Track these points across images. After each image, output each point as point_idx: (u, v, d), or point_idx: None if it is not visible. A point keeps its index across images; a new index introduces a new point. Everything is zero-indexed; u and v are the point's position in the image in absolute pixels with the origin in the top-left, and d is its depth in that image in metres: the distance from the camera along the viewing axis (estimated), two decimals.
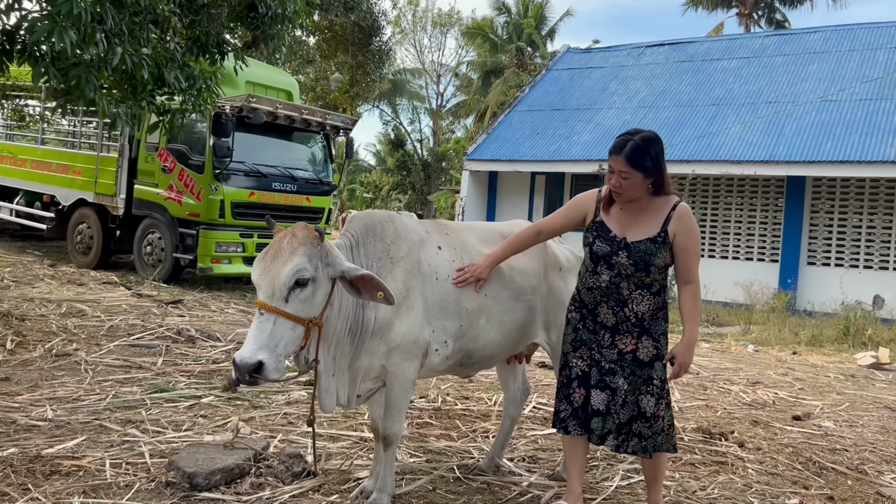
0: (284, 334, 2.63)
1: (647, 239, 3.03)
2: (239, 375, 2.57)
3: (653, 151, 2.97)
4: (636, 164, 2.96)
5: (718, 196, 15.59)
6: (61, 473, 3.41)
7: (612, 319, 3.10)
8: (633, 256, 3.02)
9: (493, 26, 34.90)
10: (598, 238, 3.11)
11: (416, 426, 4.67)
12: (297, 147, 11.63)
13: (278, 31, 7.06)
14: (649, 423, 3.05)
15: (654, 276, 3.07)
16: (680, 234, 3.03)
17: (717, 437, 4.99)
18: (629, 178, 2.98)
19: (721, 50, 18.66)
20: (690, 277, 3.09)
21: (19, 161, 12.35)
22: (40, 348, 5.90)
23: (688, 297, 3.10)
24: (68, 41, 4.39)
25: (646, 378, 3.07)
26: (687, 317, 3.10)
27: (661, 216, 3.05)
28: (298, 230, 2.74)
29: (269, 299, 2.63)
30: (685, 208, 3.08)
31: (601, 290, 3.10)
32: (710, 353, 9.09)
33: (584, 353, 3.16)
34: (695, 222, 3.10)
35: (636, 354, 3.08)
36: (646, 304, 3.07)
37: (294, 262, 2.64)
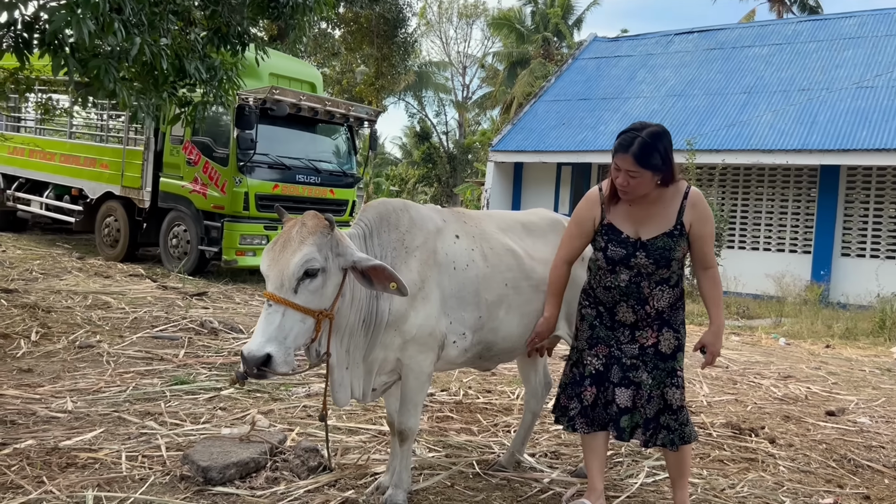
0: (294, 326, 2.55)
1: (662, 234, 2.91)
2: (247, 368, 2.50)
3: (661, 147, 2.81)
4: (645, 163, 2.79)
5: (749, 186, 15.28)
6: (77, 466, 3.39)
7: (631, 317, 3.01)
8: (651, 255, 2.90)
9: (519, 16, 34.60)
10: (611, 242, 2.97)
11: (437, 420, 4.59)
12: (321, 139, 11.59)
13: (299, 22, 7.00)
14: (676, 416, 2.98)
15: (674, 269, 2.97)
16: (696, 223, 2.92)
17: (746, 433, 4.84)
18: (638, 177, 2.82)
19: (752, 37, 18.27)
20: (708, 262, 3.00)
21: (48, 155, 12.48)
22: (64, 340, 5.92)
23: (709, 282, 3.01)
24: (86, 31, 4.36)
25: (669, 370, 2.98)
26: (711, 303, 3.01)
27: (673, 207, 2.92)
28: (308, 219, 2.66)
29: (277, 290, 2.55)
30: (697, 194, 2.96)
31: (620, 289, 2.98)
32: (741, 347, 8.89)
33: (600, 351, 3.06)
34: (708, 206, 2.98)
35: (658, 348, 2.99)
36: (666, 298, 2.98)
37: (303, 251, 2.55)
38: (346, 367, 2.84)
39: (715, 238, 12.99)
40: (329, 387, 2.81)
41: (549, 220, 3.66)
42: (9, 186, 13.24)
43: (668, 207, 2.91)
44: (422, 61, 36.66)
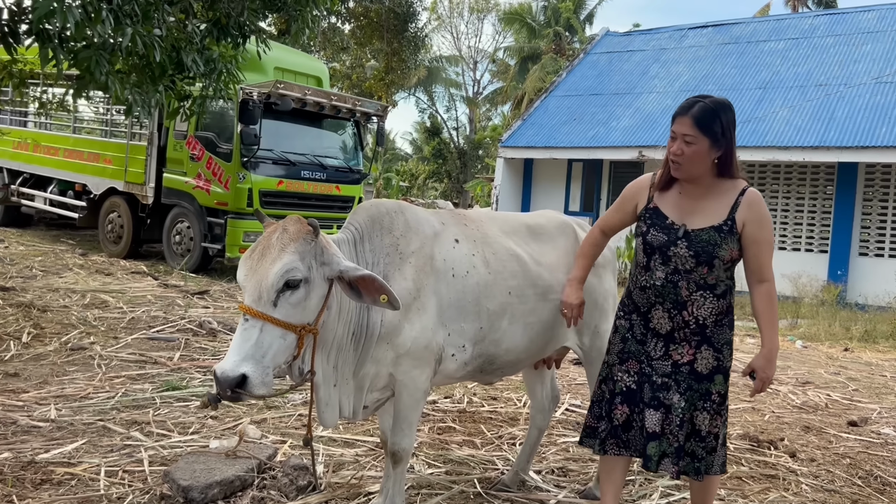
0: (273, 343, 2.31)
1: (710, 227, 2.60)
2: (220, 390, 2.26)
3: (724, 118, 2.58)
4: (704, 128, 2.56)
5: (764, 183, 14.95)
6: (52, 482, 3.18)
7: (667, 325, 2.68)
8: (693, 247, 2.60)
9: (531, 11, 34.31)
10: (653, 226, 2.69)
11: (438, 431, 4.36)
12: (327, 134, 11.38)
13: (301, 14, 6.78)
14: (704, 443, 2.66)
15: (719, 273, 2.64)
16: (751, 224, 2.60)
17: (765, 446, 4.59)
18: (694, 143, 2.57)
19: (768, 31, 17.90)
20: (764, 275, 2.66)
21: (52, 150, 12.34)
22: (56, 342, 5.74)
23: (762, 298, 2.66)
24: (72, 20, 4.16)
25: (703, 393, 2.66)
26: (764, 322, 2.67)
27: (727, 201, 2.63)
28: (290, 224, 2.41)
29: (255, 303, 2.31)
30: (756, 194, 2.66)
31: (655, 289, 2.67)
32: (756, 350, 8.60)
33: (631, 367, 2.75)
34: (767, 211, 2.66)
35: (693, 366, 2.66)
36: (708, 307, 2.64)
37: (283, 260, 2.31)
38: (334, 384, 2.61)
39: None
40: (316, 406, 2.59)
41: (557, 222, 3.39)
42: (13, 181, 13.12)
43: (722, 201, 2.64)
44: (432, 56, 36.40)
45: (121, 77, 5.41)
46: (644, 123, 15.86)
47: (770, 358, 2.64)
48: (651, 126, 15.66)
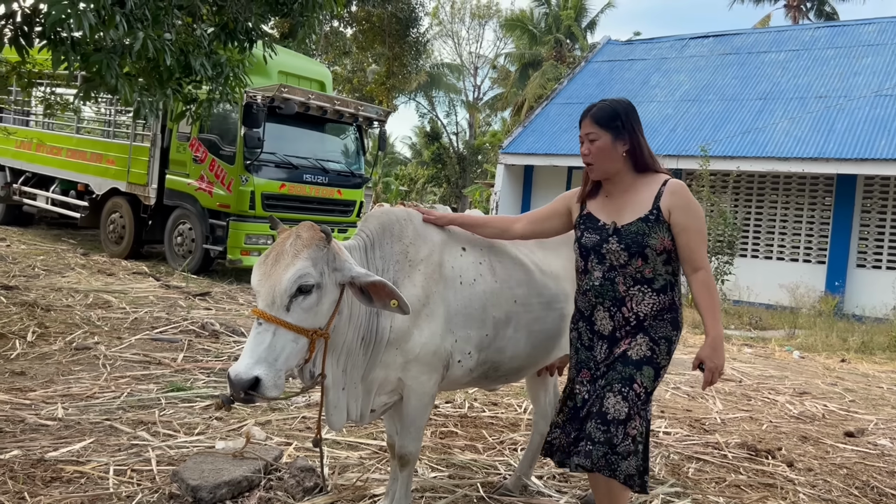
0: (285, 347, 2.36)
1: (637, 219, 2.62)
2: (233, 392, 2.31)
3: (622, 111, 2.66)
4: (603, 123, 2.65)
5: (763, 194, 15.04)
6: (62, 480, 3.23)
7: (609, 324, 2.65)
8: (624, 240, 2.61)
9: (532, 18, 34.42)
10: (587, 230, 2.73)
11: (440, 435, 4.41)
12: (329, 138, 11.44)
13: (308, 19, 6.84)
14: (605, 428, 2.52)
15: (655, 265, 2.61)
16: (676, 211, 2.60)
17: (763, 455, 4.65)
18: (597, 139, 2.65)
19: (769, 42, 18.02)
20: (697, 263, 2.61)
21: (55, 149, 12.38)
22: (61, 341, 5.78)
23: (699, 287, 2.61)
24: (86, 24, 4.21)
25: (625, 377, 2.56)
26: (705, 311, 2.60)
27: (651, 193, 2.65)
28: (303, 230, 2.47)
29: (268, 308, 2.36)
30: (678, 183, 2.67)
31: (595, 289, 2.67)
32: (754, 359, 8.67)
33: (584, 377, 2.71)
34: (693, 198, 2.67)
35: (626, 353, 2.61)
36: (648, 302, 2.61)
37: (296, 266, 2.36)
38: (343, 387, 2.66)
39: (728, 246, 12.89)
40: (324, 409, 2.64)
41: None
42: (15, 180, 13.16)
43: (646, 193, 2.66)
44: (433, 62, 36.50)
45: (129, 80, 5.46)
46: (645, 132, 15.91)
47: (715, 346, 2.58)
48: (651, 135, 15.67)
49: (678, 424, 5.29)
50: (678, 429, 5.15)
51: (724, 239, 13.23)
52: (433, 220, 2.95)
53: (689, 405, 5.96)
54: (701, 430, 5.20)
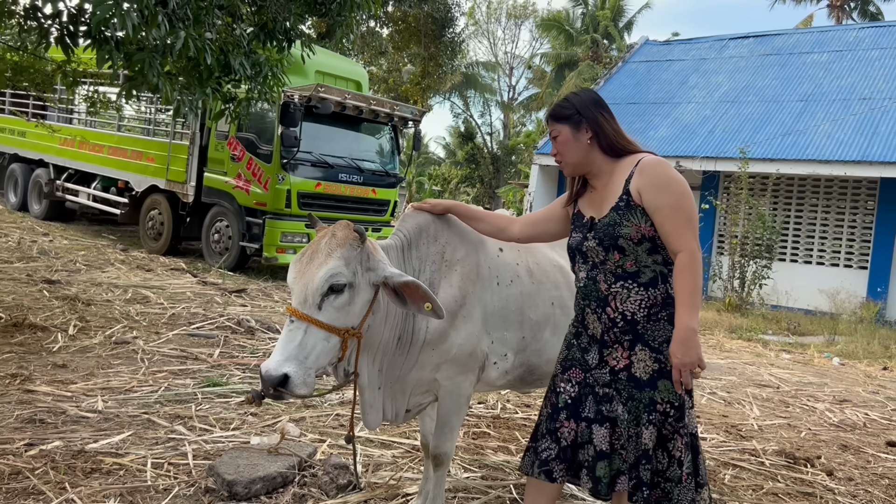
0: (316, 345, 2.35)
1: (610, 210, 2.41)
2: (263, 389, 2.32)
3: (577, 101, 2.52)
4: (560, 117, 2.52)
5: (804, 197, 14.75)
6: (101, 472, 3.29)
7: (598, 327, 2.45)
8: (597, 235, 2.41)
9: (568, 18, 34.24)
10: (574, 230, 2.57)
11: (473, 436, 4.40)
12: (365, 138, 11.50)
13: (346, 19, 6.88)
14: (651, 465, 2.35)
15: (638, 257, 2.37)
16: (646, 190, 2.34)
17: (802, 463, 4.56)
18: (559, 134, 2.52)
19: (811, 43, 17.66)
20: (678, 245, 2.30)
21: (97, 147, 12.63)
22: (100, 335, 5.89)
23: (676, 270, 2.30)
24: (130, 24, 4.28)
25: (646, 403, 2.36)
26: (678, 296, 2.30)
27: (623, 176, 2.43)
28: (338, 229, 2.47)
29: (300, 305, 2.36)
30: (649, 160, 2.41)
31: (581, 291, 2.51)
32: (792, 365, 8.51)
33: (574, 376, 2.48)
34: (668, 171, 2.37)
35: (631, 371, 2.39)
36: (634, 299, 2.37)
37: (329, 265, 2.36)
38: (379, 386, 2.66)
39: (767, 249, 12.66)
40: (360, 408, 2.64)
41: None
42: (59, 177, 13.45)
43: (618, 179, 2.45)
44: (469, 61, 36.47)
45: (170, 79, 5.55)
46: (682, 133, 15.75)
47: (683, 340, 2.25)
48: (689, 136, 15.54)
49: (714, 430, 5.21)
50: (714, 434, 5.08)
51: (762, 242, 13.00)
52: (428, 208, 2.85)
53: (725, 410, 5.87)
54: (737, 437, 5.11)
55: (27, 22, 5.13)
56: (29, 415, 3.93)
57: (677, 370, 2.28)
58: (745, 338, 10.48)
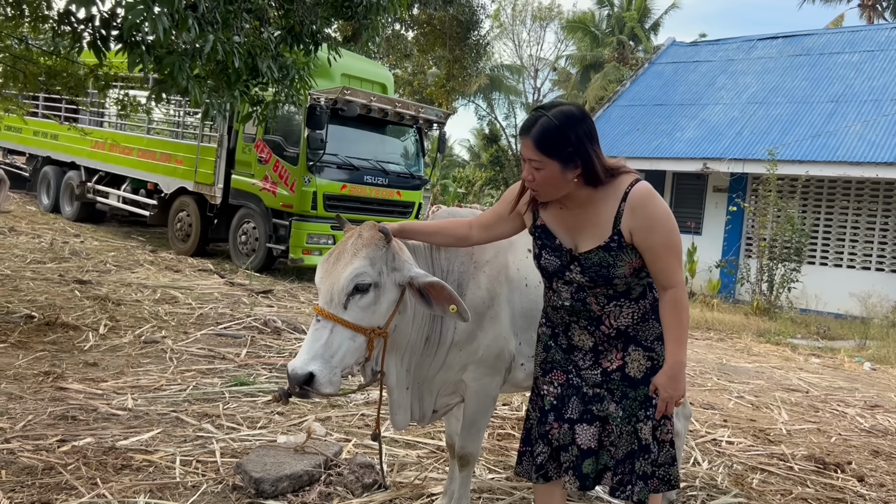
0: (342, 344, 2.36)
1: (598, 247, 2.28)
2: (290, 387, 2.34)
3: (573, 134, 2.19)
4: (548, 151, 2.20)
5: (834, 200, 14.52)
6: (132, 468, 3.34)
7: (589, 341, 2.43)
8: (587, 272, 2.31)
9: (594, 20, 34.09)
10: (545, 248, 2.40)
11: (497, 437, 4.40)
12: (390, 140, 11.55)
13: (372, 22, 6.92)
14: (652, 455, 2.38)
15: (629, 281, 2.34)
16: (638, 232, 2.24)
17: (832, 468, 4.50)
18: (543, 168, 2.23)
19: (842, 43, 17.40)
20: (666, 281, 2.28)
21: (127, 149, 12.83)
22: (130, 334, 5.98)
23: (666, 306, 2.29)
24: (161, 27, 4.35)
25: (641, 400, 2.38)
26: (668, 332, 2.30)
27: (610, 211, 2.27)
28: (365, 230, 2.49)
29: (327, 305, 2.38)
30: (639, 193, 2.25)
31: (566, 309, 2.42)
32: (821, 370, 8.39)
33: (556, 378, 2.46)
34: (658, 207, 2.26)
35: (625, 371, 2.39)
36: (627, 313, 2.37)
37: (354, 265, 2.38)
38: (407, 387, 2.67)
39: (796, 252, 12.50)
40: (388, 408, 2.66)
41: None
42: (90, 179, 13.67)
43: (604, 213, 2.28)
44: (493, 64, 36.44)
45: (199, 82, 5.62)
46: (710, 135, 15.60)
47: (672, 375, 2.27)
48: (717, 138, 15.39)
49: (742, 434, 5.16)
50: (741, 438, 5.03)
51: (791, 245, 12.83)
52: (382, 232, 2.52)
53: (753, 415, 5.80)
54: (766, 441, 5.06)
55: (61, 26, 5.23)
56: (61, 411, 4.01)
57: (664, 402, 2.30)
58: (773, 341, 10.35)
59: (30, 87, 7.50)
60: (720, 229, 15.31)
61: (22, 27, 7.03)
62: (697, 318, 11.58)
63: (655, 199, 2.27)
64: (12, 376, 4.56)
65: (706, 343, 9.78)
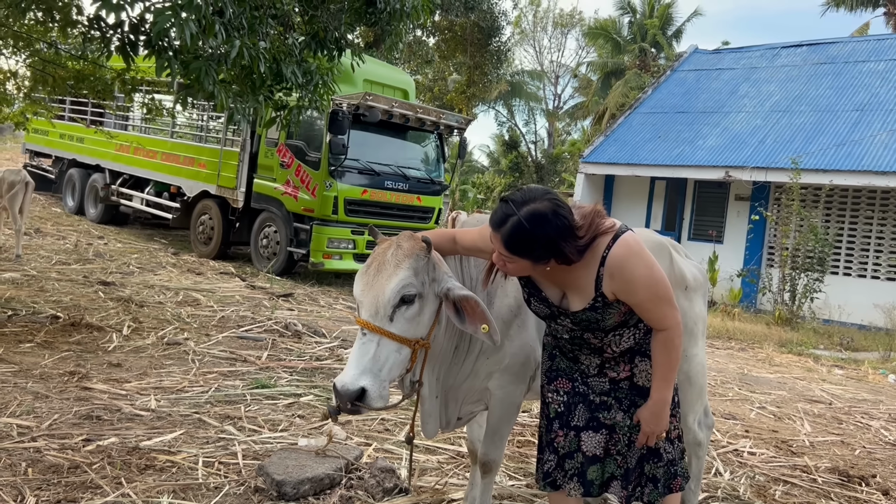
0: (389, 357, 2.33)
1: (585, 308, 2.32)
2: (340, 403, 2.31)
3: (543, 236, 2.17)
4: (519, 252, 2.21)
5: (858, 209, 14.36)
6: (155, 468, 3.37)
7: (595, 361, 2.45)
8: (579, 323, 2.36)
9: (616, 26, 33.97)
10: (533, 296, 2.45)
11: (517, 444, 4.40)
12: (411, 146, 11.59)
13: (395, 28, 6.96)
14: (663, 459, 2.42)
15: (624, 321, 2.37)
16: (621, 293, 2.28)
17: (855, 481, 4.44)
18: (513, 262, 2.26)
19: (867, 51, 17.22)
20: (659, 326, 2.32)
21: (151, 153, 12.98)
22: (153, 336, 6.04)
23: (656, 345, 2.34)
24: (188, 33, 4.41)
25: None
26: (656, 371, 2.35)
27: (590, 276, 2.29)
28: (404, 240, 2.45)
29: (372, 318, 2.34)
30: (616, 258, 2.25)
31: (567, 340, 2.45)
32: (845, 381, 8.29)
33: (561, 386, 2.49)
34: (636, 268, 2.25)
35: (633, 381, 2.43)
36: (629, 337, 2.40)
37: (399, 276, 2.34)
38: (436, 395, 2.68)
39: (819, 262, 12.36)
40: (419, 416, 2.66)
41: (652, 242, 3.31)
42: (114, 182, 13.84)
43: (584, 277, 2.30)
44: (514, 70, 36.44)
45: (225, 86, 5.69)
46: (732, 143, 15.49)
47: (655, 411, 2.34)
48: (739, 146, 15.28)
49: (764, 445, 5.11)
50: (764, 449, 4.98)
51: (814, 255, 12.70)
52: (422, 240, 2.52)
53: (775, 426, 5.75)
54: (788, 453, 5.00)
55: (91, 31, 5.32)
56: (86, 411, 4.06)
57: (644, 435, 2.37)
58: (795, 352, 10.24)
59: (58, 90, 7.62)
60: (742, 238, 15.19)
61: (51, 32, 7.16)
62: (718, 327, 11.49)
63: (631, 258, 2.25)
64: (38, 375, 4.63)
65: (727, 353, 9.70)
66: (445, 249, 2.59)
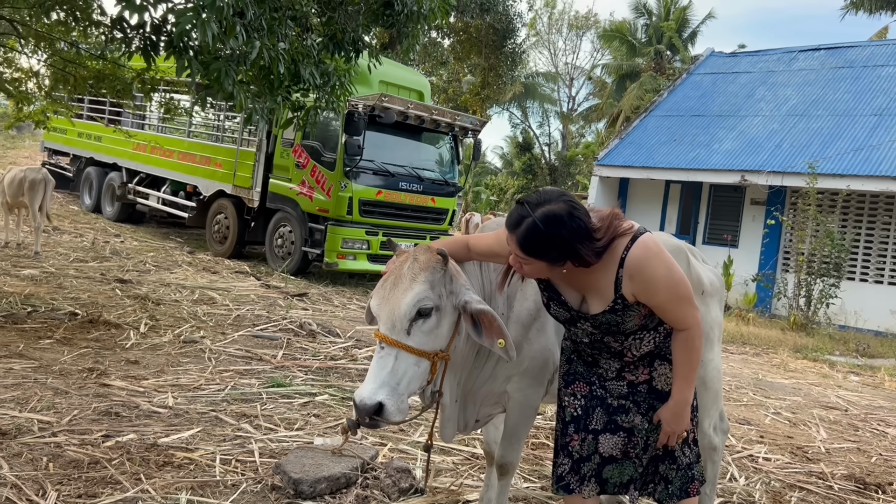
0: (408, 370, 2.33)
1: (605, 311, 2.32)
2: (359, 417, 2.31)
3: (558, 238, 2.17)
4: (535, 254, 2.22)
5: (875, 215, 14.25)
6: (173, 465, 3.41)
7: (615, 365, 2.46)
8: (599, 326, 2.36)
9: (631, 29, 33.88)
10: (552, 300, 2.44)
11: (532, 447, 4.40)
12: (426, 147, 11.61)
13: (412, 30, 6.98)
14: (678, 461, 2.43)
15: (644, 324, 2.37)
16: (641, 295, 2.28)
17: (872, 489, 4.42)
18: (529, 264, 2.27)
19: (886, 55, 17.08)
20: (680, 326, 2.33)
21: (167, 152, 13.08)
22: (170, 333, 6.09)
23: (677, 345, 2.35)
24: (210, 34, 4.45)
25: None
26: (676, 371, 2.37)
27: (610, 275, 2.29)
28: (420, 253, 2.45)
29: (389, 332, 2.34)
30: (634, 259, 2.25)
31: (586, 345, 2.46)
32: (861, 388, 8.22)
33: (578, 390, 2.49)
34: (656, 269, 2.25)
35: (652, 384, 2.43)
36: (649, 340, 2.40)
37: (415, 290, 2.33)
38: (456, 399, 2.69)
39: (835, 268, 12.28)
40: (439, 421, 2.67)
41: (670, 246, 3.31)
42: (131, 181, 13.96)
43: (603, 279, 2.30)
44: (529, 72, 36.42)
45: (244, 87, 5.73)
46: (748, 147, 15.41)
47: (676, 411, 2.35)
48: (755, 150, 15.20)
49: (779, 451, 5.09)
50: (779, 455, 4.96)
51: (830, 261, 12.61)
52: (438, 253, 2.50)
53: (790, 432, 5.72)
54: (804, 459, 4.98)
55: (113, 32, 5.37)
56: (105, 407, 4.10)
57: (665, 435, 2.38)
58: (810, 358, 10.17)
59: (79, 90, 7.70)
60: (757, 242, 15.11)
61: (73, 32, 7.23)
62: (733, 331, 11.43)
63: (651, 260, 2.26)
64: (58, 371, 4.68)
65: (742, 357, 9.65)
66: (460, 257, 2.61)
